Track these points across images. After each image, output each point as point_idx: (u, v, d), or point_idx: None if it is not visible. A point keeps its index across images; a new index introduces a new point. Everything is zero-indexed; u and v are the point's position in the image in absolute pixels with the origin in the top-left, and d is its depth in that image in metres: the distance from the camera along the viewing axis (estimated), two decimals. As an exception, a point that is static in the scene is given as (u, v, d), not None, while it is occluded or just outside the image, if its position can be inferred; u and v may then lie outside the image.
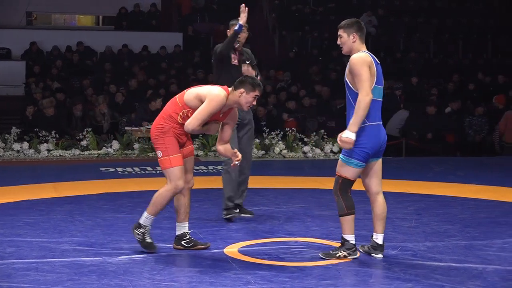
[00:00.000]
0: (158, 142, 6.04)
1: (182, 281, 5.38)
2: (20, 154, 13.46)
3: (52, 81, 17.39)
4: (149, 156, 13.47)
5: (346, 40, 5.99)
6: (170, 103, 6.15)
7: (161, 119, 6.09)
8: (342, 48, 6.06)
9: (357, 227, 6.24)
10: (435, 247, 6.48)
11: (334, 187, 5.98)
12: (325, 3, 22.24)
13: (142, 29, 20.76)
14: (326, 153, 14.06)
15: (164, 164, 6.02)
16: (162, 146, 6.01)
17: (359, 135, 5.83)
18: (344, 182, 5.93)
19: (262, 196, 9.09)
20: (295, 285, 5.30)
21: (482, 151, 15.57)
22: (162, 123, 6.06)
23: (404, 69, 19.58)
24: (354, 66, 5.84)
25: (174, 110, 6.05)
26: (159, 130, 6.04)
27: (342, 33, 6.00)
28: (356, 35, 5.97)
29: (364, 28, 6.07)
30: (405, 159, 14.67)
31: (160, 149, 6.03)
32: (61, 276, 5.44)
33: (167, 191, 6.06)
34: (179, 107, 6.03)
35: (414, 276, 5.55)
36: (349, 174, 5.92)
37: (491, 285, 5.35)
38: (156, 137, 6.06)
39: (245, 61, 8.04)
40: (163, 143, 6.01)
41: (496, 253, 6.30)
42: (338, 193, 5.95)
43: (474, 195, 9.34)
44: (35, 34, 20.17)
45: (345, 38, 5.99)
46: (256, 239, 6.79)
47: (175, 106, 6.06)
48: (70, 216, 7.80)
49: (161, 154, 6.02)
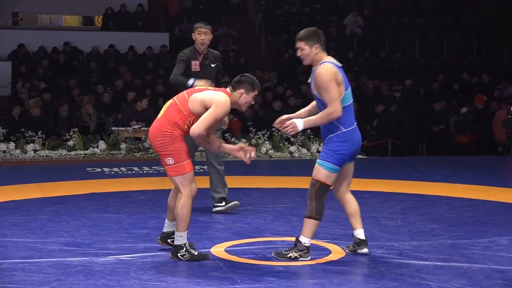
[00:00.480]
0: (167, 149, 5.83)
1: (168, 281, 5.38)
2: (7, 154, 13.40)
3: (38, 81, 17.33)
4: (135, 157, 13.45)
5: (308, 52, 5.90)
6: (172, 109, 5.89)
7: (167, 125, 5.84)
8: (303, 60, 5.96)
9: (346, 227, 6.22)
10: (420, 246, 6.50)
11: (310, 191, 5.94)
12: (311, 3, 22.28)
13: (129, 30, 20.72)
14: (312, 153, 14.06)
15: (177, 171, 5.85)
16: (174, 153, 5.82)
17: (336, 141, 5.89)
18: (322, 187, 5.91)
19: (249, 196, 9.08)
20: (281, 284, 5.31)
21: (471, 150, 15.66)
22: (170, 130, 5.82)
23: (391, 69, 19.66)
24: (321, 82, 5.79)
25: (180, 117, 5.84)
26: (168, 137, 5.82)
27: (303, 45, 5.90)
28: (318, 46, 5.90)
29: (323, 36, 5.99)
30: (391, 159, 14.72)
31: (171, 156, 5.82)
32: (48, 276, 5.43)
33: (186, 198, 5.88)
34: (185, 115, 5.84)
35: (400, 275, 5.56)
36: (326, 179, 5.91)
37: (477, 283, 5.37)
38: (164, 144, 5.83)
39: (210, 64, 8.09)
40: (175, 150, 5.82)
41: (481, 251, 6.32)
42: (313, 197, 5.91)
43: (459, 195, 9.37)
44: (21, 34, 20.10)
45: (307, 50, 5.89)
46: (243, 238, 6.79)
47: (180, 113, 5.85)
48: (56, 216, 7.77)
49: (172, 161, 5.82)
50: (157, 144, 5.87)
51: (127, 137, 13.75)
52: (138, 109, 14.15)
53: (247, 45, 20.88)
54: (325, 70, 5.80)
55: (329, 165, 5.89)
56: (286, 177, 10.87)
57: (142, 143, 13.67)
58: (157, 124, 5.90)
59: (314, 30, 5.98)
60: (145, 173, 11.38)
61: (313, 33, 5.95)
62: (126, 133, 13.75)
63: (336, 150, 5.88)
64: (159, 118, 5.93)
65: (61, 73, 18.05)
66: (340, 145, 5.88)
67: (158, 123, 5.90)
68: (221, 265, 5.84)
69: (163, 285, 5.27)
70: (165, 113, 5.91)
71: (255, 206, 8.43)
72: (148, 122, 13.82)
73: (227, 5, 22.21)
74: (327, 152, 5.91)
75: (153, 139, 5.90)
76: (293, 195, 9.21)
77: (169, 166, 5.87)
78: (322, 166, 5.92)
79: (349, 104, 5.92)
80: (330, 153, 5.89)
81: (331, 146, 5.90)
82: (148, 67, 18.63)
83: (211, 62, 8.10)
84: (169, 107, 5.92)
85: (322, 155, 5.95)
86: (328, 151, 5.90)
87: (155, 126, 5.92)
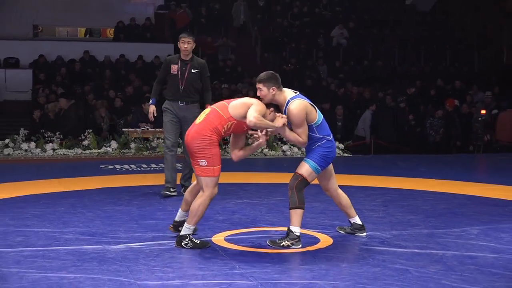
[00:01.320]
0: (204, 151, 5.79)
1: (174, 267, 5.38)
2: (28, 153, 13.39)
3: (56, 87, 17.29)
4: (144, 155, 13.43)
5: (266, 93, 5.91)
6: (213, 115, 5.85)
7: (207, 130, 5.80)
8: (262, 99, 5.96)
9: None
10: (400, 235, 6.51)
11: (292, 182, 6.00)
12: (301, 17, 22.26)
13: (138, 40, 20.69)
14: (303, 152, 14.06)
15: (207, 173, 5.82)
16: (209, 157, 5.79)
17: (324, 147, 6.02)
18: (303, 181, 5.98)
19: (246, 190, 9.08)
20: (275, 269, 5.31)
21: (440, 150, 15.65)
22: (209, 134, 5.79)
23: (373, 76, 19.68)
24: (294, 119, 5.90)
25: (220, 122, 5.82)
26: (206, 141, 5.79)
27: (262, 87, 5.92)
28: (275, 88, 5.93)
29: (279, 77, 6.00)
30: (373, 157, 14.73)
31: (205, 159, 5.79)
32: (65, 263, 5.43)
33: (206, 199, 5.86)
34: (225, 120, 5.82)
35: (381, 261, 5.57)
36: (309, 176, 6.00)
37: (450, 268, 5.38)
38: (202, 147, 5.79)
39: (191, 70, 8.51)
40: (211, 154, 5.80)
41: (454, 240, 6.33)
42: (294, 189, 5.97)
43: (434, 189, 9.38)
44: (41, 45, 20.05)
45: (265, 91, 5.91)
46: (241, 228, 6.79)
47: (220, 119, 5.82)
48: (73, 208, 7.77)
49: (205, 163, 5.79)
50: (195, 146, 5.82)
51: (136, 137, 13.74)
52: (145, 112, 14.12)
53: (244, 55, 20.84)
54: (297, 109, 5.90)
55: (314, 165, 6.01)
56: (279, 173, 10.86)
57: (150, 142, 13.66)
58: (197, 128, 5.86)
59: (271, 74, 5.99)
60: (153, 169, 11.37)
61: (270, 76, 5.96)
62: (135, 134, 13.74)
63: (324, 155, 6.02)
64: (199, 123, 5.89)
65: (77, 80, 18.02)
66: (327, 150, 6.04)
67: (198, 127, 5.86)
68: (221, 252, 5.84)
69: (169, 270, 5.27)
70: (205, 118, 5.87)
71: (252, 199, 8.43)
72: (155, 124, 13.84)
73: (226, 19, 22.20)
74: (315, 154, 6.03)
75: (192, 141, 5.85)
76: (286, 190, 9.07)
77: (200, 167, 5.84)
78: (308, 164, 6.01)
79: (323, 119, 6.10)
80: (318, 155, 6.01)
81: (320, 151, 6.03)
82: (155, 75, 18.58)
83: (192, 68, 8.51)
84: (209, 114, 5.89)
85: (310, 155, 6.04)
86: (316, 154, 6.02)
87: (195, 130, 5.86)
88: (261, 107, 5.86)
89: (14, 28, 21.04)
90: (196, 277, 5.12)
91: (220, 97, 16.68)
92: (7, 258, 5.57)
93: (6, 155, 13.24)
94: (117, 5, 22.40)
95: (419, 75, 19.98)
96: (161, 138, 13.73)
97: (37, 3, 21.33)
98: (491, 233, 6.65)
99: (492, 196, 8.84)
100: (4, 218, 7.17)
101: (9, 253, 5.73)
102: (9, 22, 21.13)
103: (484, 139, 15.59)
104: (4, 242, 6.11)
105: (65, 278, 5.02)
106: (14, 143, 13.55)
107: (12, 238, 6.29)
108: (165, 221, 6.96)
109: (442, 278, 5.13)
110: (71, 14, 21.78)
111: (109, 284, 4.89)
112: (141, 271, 5.22)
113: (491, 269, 5.38)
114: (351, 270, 5.34)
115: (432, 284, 4.97)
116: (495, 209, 7.97)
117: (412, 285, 4.95)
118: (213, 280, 5.03)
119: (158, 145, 13.58)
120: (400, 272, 5.27)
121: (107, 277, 5.07)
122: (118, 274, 5.13)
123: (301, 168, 6.02)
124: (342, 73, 19.59)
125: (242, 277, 5.12)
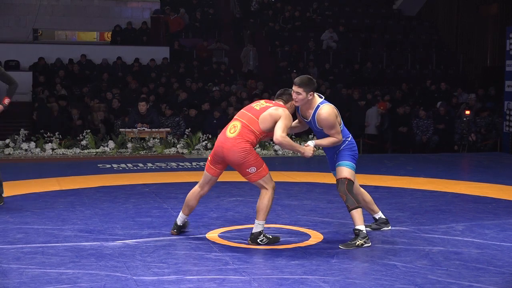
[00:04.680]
0: (249, 160, 5.91)
1: (169, 262, 5.37)
2: (28, 152, 13.36)
3: (55, 89, 17.24)
4: (140, 154, 13.41)
5: (304, 97, 5.94)
6: (245, 131, 5.94)
7: (242, 143, 5.91)
8: (297, 102, 5.99)
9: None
10: (388, 232, 6.51)
11: (341, 188, 6.02)
12: (293, 21, 22.26)
13: (134, 44, 20.67)
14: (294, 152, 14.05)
15: (260, 175, 5.97)
16: (255, 162, 5.93)
17: (350, 147, 6.12)
18: (350, 183, 6.04)
19: (239, 188, 9.06)
20: (267, 265, 5.31)
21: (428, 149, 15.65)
22: (248, 146, 5.92)
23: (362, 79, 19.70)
24: (328, 123, 5.95)
25: (254, 136, 5.95)
26: (246, 152, 5.90)
27: (302, 91, 5.93)
28: (313, 93, 5.97)
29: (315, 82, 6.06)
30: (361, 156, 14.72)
31: (253, 165, 5.92)
32: (64, 259, 5.42)
33: (271, 194, 6.03)
34: (257, 134, 5.96)
35: (370, 257, 5.57)
36: (352, 176, 6.08)
37: (437, 264, 5.38)
38: (245, 158, 5.90)
39: None
40: (255, 160, 5.93)
41: (441, 236, 6.34)
42: (347, 192, 6.00)
43: (421, 187, 9.39)
44: (40, 48, 20.00)
45: (304, 96, 5.93)
46: (234, 225, 6.79)
47: (253, 134, 5.95)
48: (71, 206, 7.75)
49: (255, 169, 5.94)
50: (239, 158, 5.91)
51: (133, 137, 13.72)
52: (142, 113, 14.10)
53: (238, 58, 20.83)
54: (328, 113, 5.95)
55: (351, 164, 6.10)
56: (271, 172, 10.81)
57: (146, 142, 13.64)
58: (234, 142, 5.92)
59: (310, 79, 6.02)
60: (149, 168, 11.35)
61: (310, 81, 5.97)
62: (132, 134, 13.72)
63: (353, 154, 6.14)
64: (233, 138, 5.94)
65: (76, 82, 17.98)
66: (352, 148, 6.14)
67: (235, 141, 5.93)
68: (215, 248, 5.83)
69: (164, 266, 5.26)
70: (240, 133, 5.93)
71: (245, 197, 8.42)
72: (151, 125, 13.82)
73: (220, 23, 22.19)
74: (346, 156, 6.10)
75: (233, 155, 5.92)
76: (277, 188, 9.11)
77: (252, 174, 5.96)
78: (346, 166, 6.07)
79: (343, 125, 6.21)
80: (349, 156, 6.10)
81: (349, 151, 6.12)
82: (151, 77, 18.57)
83: None
84: (242, 129, 5.95)
85: (342, 158, 6.10)
86: (347, 155, 6.10)
87: (233, 144, 5.93)
88: (287, 121, 5.94)
89: (15, 32, 21.05)
90: (191, 272, 5.11)
91: (213, 98, 16.75)
92: (7, 255, 5.55)
93: (7, 154, 13.22)
94: (114, 9, 22.40)
95: (406, 78, 20.06)
96: (156, 138, 13.73)
97: (37, 8, 21.29)
98: (476, 229, 6.66)
99: (477, 194, 8.85)
100: (4, 215, 7.15)
101: (9, 250, 5.71)
102: (10, 26, 21.12)
103: (469, 139, 15.59)
104: (5, 239, 6.10)
105: (64, 274, 5.01)
106: (15, 143, 13.52)
107: (13, 235, 6.27)
108: (161, 219, 6.95)
109: (428, 273, 5.13)
110: (70, 19, 21.76)
111: (107, 280, 4.88)
112: (137, 267, 5.20)
113: (476, 264, 5.39)
114: (341, 265, 5.33)
115: (419, 279, 4.97)
116: (480, 206, 7.98)
117: (400, 279, 4.95)
118: (208, 276, 5.02)
119: (154, 145, 13.57)
120: (388, 267, 5.27)
121: (104, 272, 5.06)
122: (115, 270, 5.12)
123: (342, 173, 6.06)
124: (332, 75, 19.59)
125: (235, 272, 5.11)
